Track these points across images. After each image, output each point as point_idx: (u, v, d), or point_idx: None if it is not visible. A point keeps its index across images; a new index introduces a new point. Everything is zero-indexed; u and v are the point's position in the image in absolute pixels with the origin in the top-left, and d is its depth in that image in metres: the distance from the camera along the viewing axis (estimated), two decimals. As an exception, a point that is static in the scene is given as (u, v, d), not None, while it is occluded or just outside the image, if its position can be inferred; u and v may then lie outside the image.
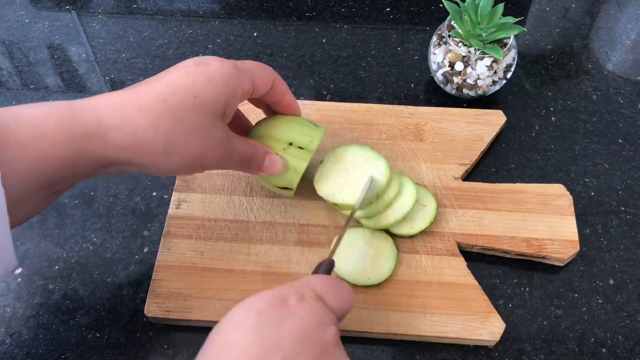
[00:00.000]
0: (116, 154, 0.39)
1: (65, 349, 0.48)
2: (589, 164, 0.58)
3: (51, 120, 0.37)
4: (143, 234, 0.54)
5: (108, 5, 0.75)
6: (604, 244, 0.53)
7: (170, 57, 0.69)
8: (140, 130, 0.38)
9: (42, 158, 0.36)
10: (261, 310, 0.32)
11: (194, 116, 0.39)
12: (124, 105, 0.38)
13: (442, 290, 0.48)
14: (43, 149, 0.36)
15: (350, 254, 0.50)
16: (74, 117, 0.37)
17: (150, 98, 0.39)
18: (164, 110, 0.38)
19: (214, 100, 0.40)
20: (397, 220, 0.50)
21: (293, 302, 0.33)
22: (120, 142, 0.38)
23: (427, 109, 0.60)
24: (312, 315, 0.33)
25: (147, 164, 0.40)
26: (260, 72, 0.45)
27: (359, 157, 0.51)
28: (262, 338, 0.31)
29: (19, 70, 0.68)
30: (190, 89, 0.39)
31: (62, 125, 0.37)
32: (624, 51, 0.69)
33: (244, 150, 0.45)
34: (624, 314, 0.49)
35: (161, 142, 0.39)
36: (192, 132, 0.39)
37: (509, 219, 0.52)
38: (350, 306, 0.37)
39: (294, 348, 0.31)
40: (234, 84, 0.41)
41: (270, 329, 0.31)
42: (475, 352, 0.47)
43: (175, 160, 0.40)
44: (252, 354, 0.30)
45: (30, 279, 0.51)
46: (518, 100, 0.64)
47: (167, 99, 0.39)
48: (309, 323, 0.32)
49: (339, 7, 0.74)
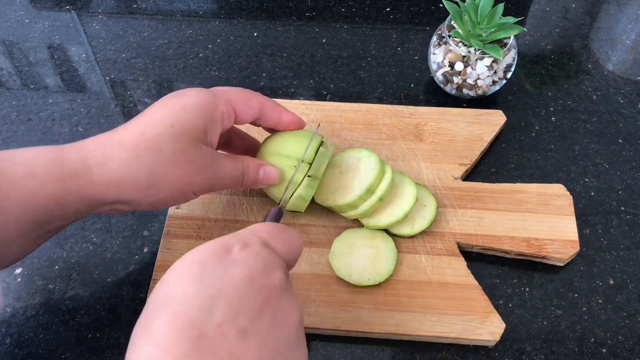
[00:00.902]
0: (103, 192, 0.40)
1: (65, 349, 0.48)
2: (589, 164, 0.58)
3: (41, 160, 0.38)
4: (143, 234, 0.54)
5: (108, 5, 0.75)
6: (604, 244, 0.53)
7: (170, 57, 0.69)
8: (123, 165, 0.39)
9: (32, 196, 0.37)
10: (203, 261, 0.31)
11: (173, 144, 0.40)
12: (106, 144, 0.40)
13: (442, 290, 0.48)
14: (33, 187, 0.37)
15: (350, 254, 0.50)
16: (61, 158, 0.39)
17: (129, 133, 0.40)
18: (143, 142, 0.40)
19: (192, 126, 0.41)
20: (397, 220, 0.50)
21: (236, 250, 0.33)
22: (106, 179, 0.39)
23: (427, 109, 0.60)
24: (257, 261, 0.32)
25: (137, 199, 0.41)
26: (239, 96, 0.45)
27: (352, 158, 0.52)
28: (205, 287, 0.30)
29: (19, 70, 0.68)
30: (166, 118, 0.41)
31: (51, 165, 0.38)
32: (624, 51, 0.69)
33: (232, 168, 0.45)
34: (624, 314, 0.49)
35: (144, 174, 0.40)
36: (172, 160, 0.40)
37: (509, 219, 0.52)
38: (299, 251, 0.37)
39: (238, 294, 0.30)
40: (210, 108, 0.42)
41: (213, 277, 0.31)
42: (475, 352, 0.47)
43: (163, 190, 0.41)
44: (195, 303, 0.29)
45: (30, 279, 0.51)
46: (518, 100, 0.64)
47: (145, 131, 0.40)
48: (254, 269, 0.32)
49: (339, 7, 0.74)
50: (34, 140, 0.61)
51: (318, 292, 0.48)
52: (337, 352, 0.47)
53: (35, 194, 0.38)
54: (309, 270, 0.50)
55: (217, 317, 0.29)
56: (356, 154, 0.52)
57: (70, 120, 0.63)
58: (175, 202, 0.44)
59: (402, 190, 0.51)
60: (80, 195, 0.39)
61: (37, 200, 0.38)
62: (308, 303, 0.48)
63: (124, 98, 0.65)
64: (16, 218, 0.37)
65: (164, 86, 0.66)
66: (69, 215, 0.40)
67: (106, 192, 0.40)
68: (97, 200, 0.40)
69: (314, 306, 0.48)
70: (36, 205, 0.38)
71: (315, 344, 0.47)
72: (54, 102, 0.65)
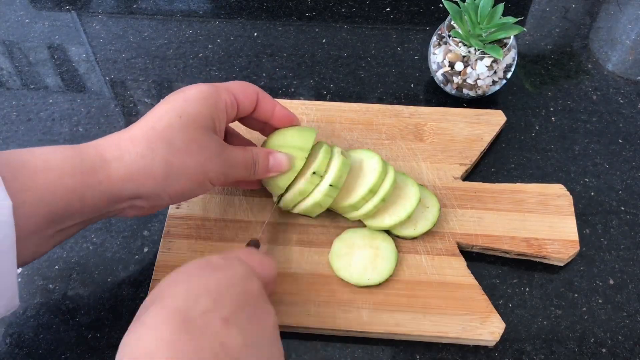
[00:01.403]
0: (121, 186, 0.40)
1: (65, 349, 0.48)
2: (589, 164, 0.58)
3: (59, 155, 0.39)
4: (143, 234, 0.54)
5: (108, 5, 0.75)
6: (604, 244, 0.53)
7: (170, 57, 0.69)
8: (138, 157, 0.40)
9: (52, 188, 0.38)
10: (190, 271, 0.36)
11: (183, 134, 0.41)
12: (119, 140, 0.41)
13: (442, 290, 0.48)
14: (53, 178, 0.38)
15: (350, 254, 0.50)
16: (79, 153, 0.40)
17: (139, 129, 0.42)
18: (154, 135, 0.41)
19: (199, 114, 0.43)
20: (401, 221, 0.50)
21: (219, 263, 0.37)
22: (123, 172, 0.40)
23: (427, 109, 0.60)
24: (237, 271, 0.37)
25: (155, 192, 0.41)
26: (239, 86, 0.47)
27: (355, 159, 0.52)
28: (191, 287, 0.34)
29: (19, 70, 0.68)
30: (173, 111, 0.42)
31: (70, 160, 0.39)
32: (624, 51, 0.69)
33: (243, 155, 0.46)
34: (624, 314, 0.49)
35: (160, 165, 0.41)
36: (185, 149, 0.41)
37: (509, 219, 0.52)
38: (273, 274, 0.42)
39: (220, 291, 0.34)
40: (214, 97, 0.44)
41: (198, 280, 0.35)
42: (475, 352, 0.47)
43: (180, 180, 0.42)
44: (182, 297, 0.33)
45: (30, 279, 0.51)
46: (518, 100, 0.64)
47: (154, 125, 0.41)
48: (234, 274, 0.37)
49: (339, 7, 0.74)
50: (34, 140, 0.61)
51: (318, 292, 0.48)
52: (337, 352, 0.47)
53: (54, 186, 0.38)
54: (309, 270, 0.50)
55: (202, 307, 0.33)
56: (358, 154, 0.52)
57: (70, 120, 0.63)
58: (194, 193, 0.44)
59: (405, 191, 0.51)
60: (99, 189, 0.40)
61: (56, 192, 0.38)
62: (308, 303, 0.48)
63: (124, 98, 0.65)
64: (35, 210, 0.37)
65: (164, 86, 0.66)
66: (88, 210, 0.40)
67: (124, 185, 0.40)
68: (116, 194, 0.40)
69: (314, 306, 0.48)
70: (55, 197, 0.38)
71: (315, 344, 0.47)
72: (54, 102, 0.65)
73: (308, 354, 0.47)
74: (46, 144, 0.62)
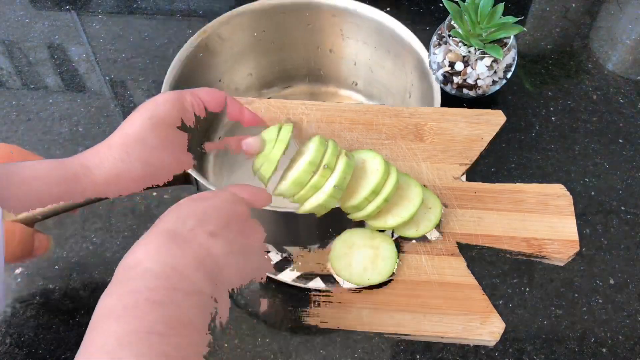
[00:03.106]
0: (106, 190, 0.42)
1: (66, 349, 0.48)
2: (589, 164, 0.58)
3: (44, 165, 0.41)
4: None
5: (108, 5, 0.75)
6: (604, 244, 0.53)
7: (170, 57, 0.69)
8: (117, 162, 0.42)
9: (39, 196, 0.40)
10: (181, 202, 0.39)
11: (155, 132, 0.44)
12: (99, 149, 0.44)
13: (442, 290, 0.48)
14: (40, 187, 0.40)
15: (350, 254, 0.50)
16: (62, 164, 0.42)
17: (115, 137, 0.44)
18: (128, 139, 0.43)
19: (167, 114, 0.45)
20: (403, 221, 0.50)
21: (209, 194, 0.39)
22: (105, 177, 0.42)
23: (427, 109, 0.60)
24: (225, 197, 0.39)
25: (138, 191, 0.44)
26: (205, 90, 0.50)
27: (357, 160, 0.51)
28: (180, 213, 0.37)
29: (19, 70, 0.68)
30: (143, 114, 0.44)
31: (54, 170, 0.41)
32: (624, 51, 0.69)
33: (215, 145, 0.49)
34: (624, 314, 0.49)
35: (139, 166, 0.43)
36: (159, 147, 0.44)
37: (509, 219, 0.52)
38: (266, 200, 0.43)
39: (206, 213, 0.37)
40: (180, 99, 0.46)
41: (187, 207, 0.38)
42: (475, 352, 0.47)
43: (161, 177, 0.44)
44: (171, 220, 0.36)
45: (30, 279, 0.51)
46: (518, 100, 0.64)
47: (127, 130, 0.44)
48: (221, 201, 0.39)
49: (339, 7, 0.74)
50: (34, 140, 0.61)
51: (318, 292, 0.48)
52: (337, 352, 0.47)
53: (41, 194, 0.40)
54: (309, 270, 0.50)
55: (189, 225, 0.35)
56: (361, 155, 0.52)
57: (70, 120, 0.63)
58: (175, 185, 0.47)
59: (408, 192, 0.51)
60: (85, 195, 0.41)
61: (43, 200, 0.40)
62: (308, 303, 0.48)
63: (124, 98, 0.65)
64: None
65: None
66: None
67: (108, 188, 0.42)
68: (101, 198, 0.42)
69: (314, 306, 0.48)
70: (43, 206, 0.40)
71: (315, 344, 0.47)
72: (54, 102, 0.65)
73: (308, 353, 0.47)
74: (46, 144, 0.62)
